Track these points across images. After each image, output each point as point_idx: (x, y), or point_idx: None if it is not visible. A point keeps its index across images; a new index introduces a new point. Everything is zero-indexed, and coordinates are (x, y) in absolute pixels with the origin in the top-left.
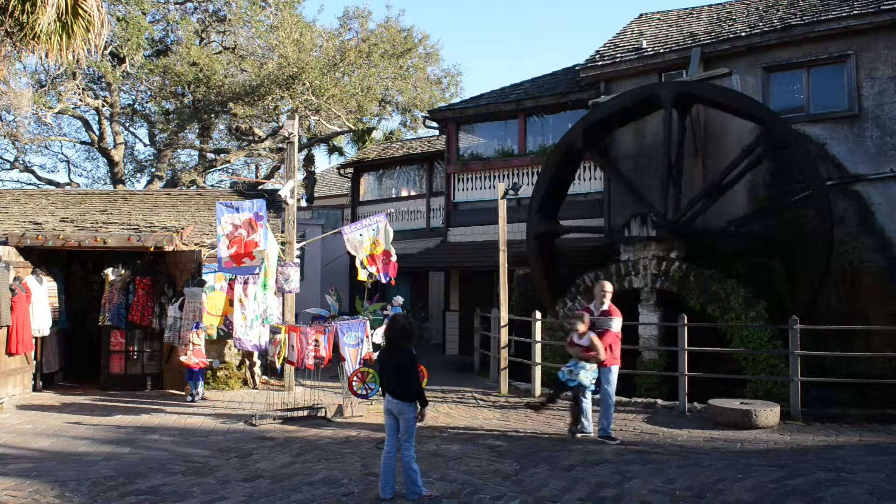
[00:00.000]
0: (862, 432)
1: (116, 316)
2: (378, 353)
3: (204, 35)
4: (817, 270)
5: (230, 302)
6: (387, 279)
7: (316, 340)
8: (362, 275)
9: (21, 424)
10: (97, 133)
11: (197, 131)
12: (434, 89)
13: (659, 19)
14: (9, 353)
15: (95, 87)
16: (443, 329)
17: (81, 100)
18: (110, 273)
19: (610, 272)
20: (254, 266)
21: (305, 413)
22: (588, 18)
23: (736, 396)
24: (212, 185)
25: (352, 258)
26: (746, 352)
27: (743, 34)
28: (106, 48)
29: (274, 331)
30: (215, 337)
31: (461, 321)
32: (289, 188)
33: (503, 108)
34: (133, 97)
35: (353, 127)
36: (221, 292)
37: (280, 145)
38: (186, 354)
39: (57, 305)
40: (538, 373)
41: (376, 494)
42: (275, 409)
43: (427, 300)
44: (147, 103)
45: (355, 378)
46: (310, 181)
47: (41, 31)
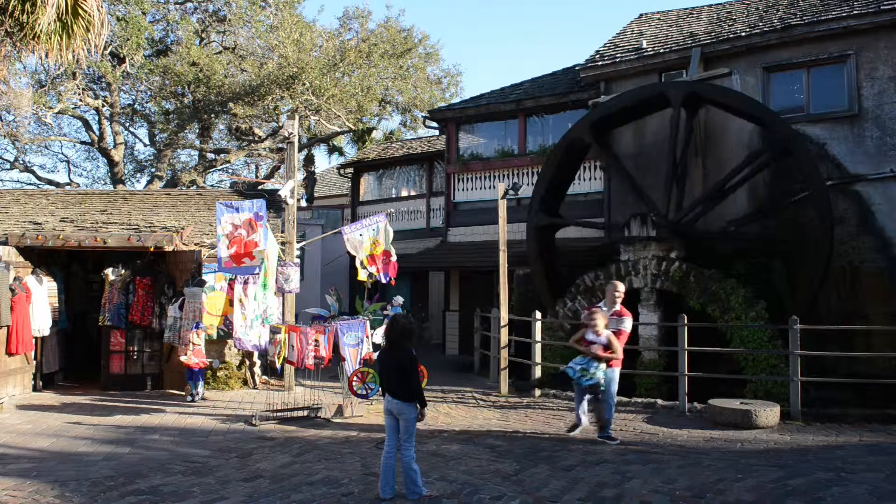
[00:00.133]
0: (862, 432)
1: (116, 316)
2: (378, 353)
3: (204, 35)
4: (817, 270)
5: (230, 302)
6: (387, 279)
7: (316, 340)
8: (362, 275)
9: (21, 424)
10: (97, 133)
11: (197, 131)
12: (434, 89)
13: (659, 19)
14: (9, 353)
15: (95, 87)
16: (443, 329)
17: (81, 100)
18: (110, 273)
19: (610, 272)
20: (254, 266)
21: (305, 413)
22: (588, 18)
23: (736, 396)
24: (212, 185)
25: (352, 258)
26: (746, 352)
27: (743, 34)
28: (106, 48)
29: (274, 331)
30: (215, 337)
31: (461, 321)
32: (289, 188)
33: (503, 108)
34: (133, 97)
35: (353, 127)
36: (221, 292)
37: (280, 145)
38: (186, 354)
39: (57, 305)
40: (538, 373)
41: (376, 494)
42: (275, 409)
43: (427, 300)
44: (147, 103)
45: (355, 378)
46: (310, 181)
47: (41, 31)
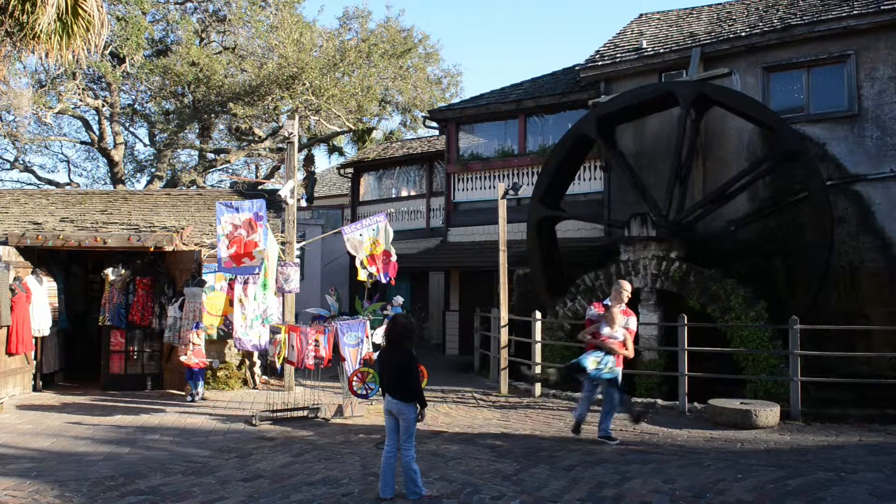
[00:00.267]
0: (862, 432)
1: (116, 316)
2: (378, 353)
3: (204, 35)
4: (817, 270)
5: (230, 302)
6: (387, 279)
7: (316, 340)
8: (362, 275)
9: (21, 424)
10: (97, 133)
11: (197, 131)
12: (434, 89)
13: (659, 19)
14: (9, 353)
15: (95, 87)
16: (443, 329)
17: (81, 100)
18: (110, 273)
19: (610, 272)
20: (254, 266)
21: (305, 413)
22: (588, 18)
23: (736, 396)
24: (212, 185)
25: (352, 258)
26: (746, 352)
27: (743, 34)
28: (106, 48)
29: (274, 331)
30: (215, 337)
31: (461, 321)
32: (289, 188)
33: (503, 108)
34: (133, 97)
35: (353, 127)
36: (221, 292)
37: (280, 145)
38: (186, 354)
39: (57, 305)
40: (538, 372)
41: (376, 494)
42: (275, 409)
43: (427, 300)
44: (147, 103)
45: (355, 378)
46: (310, 181)
47: (41, 31)
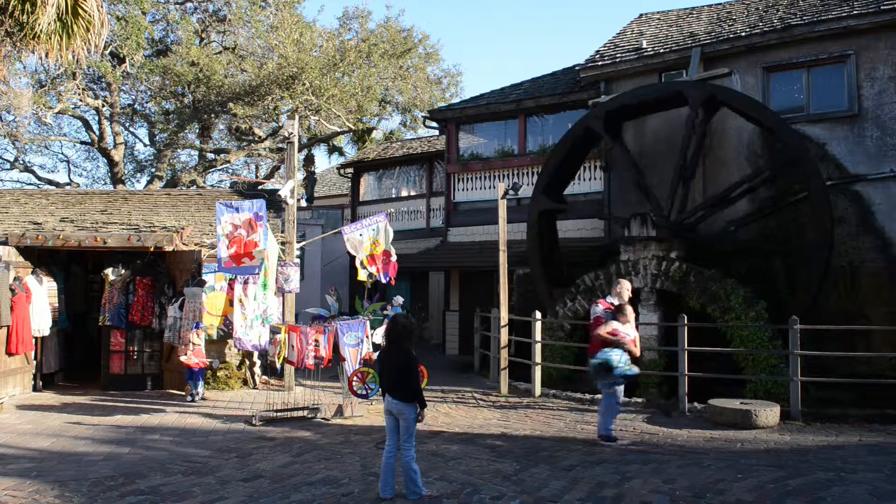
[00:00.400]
0: (862, 432)
1: (116, 316)
2: (378, 353)
3: (204, 35)
4: (817, 270)
5: (230, 302)
6: (387, 279)
7: (316, 340)
8: (362, 275)
9: (21, 424)
10: (97, 133)
11: (197, 131)
12: (434, 89)
13: (659, 19)
14: (9, 353)
15: (95, 87)
16: (443, 329)
17: (81, 100)
18: (110, 273)
19: (610, 272)
20: (254, 266)
21: (305, 413)
22: (588, 18)
23: (736, 396)
24: (212, 185)
25: (352, 258)
26: (746, 352)
27: (743, 34)
28: (106, 48)
29: (274, 331)
30: (215, 337)
31: (461, 321)
32: (289, 188)
33: (503, 108)
34: (133, 97)
35: (353, 127)
36: (221, 292)
37: (280, 145)
38: (186, 354)
39: (57, 305)
40: (538, 373)
41: (376, 494)
42: (275, 409)
43: (427, 300)
44: (147, 103)
45: (355, 378)
46: (310, 181)
47: (41, 31)
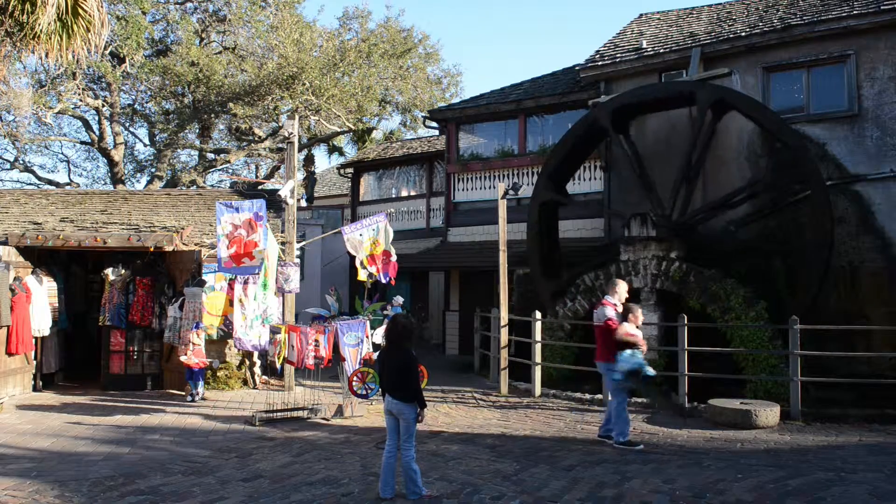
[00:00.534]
0: (862, 432)
1: (116, 316)
2: (378, 353)
3: (204, 35)
4: (817, 270)
5: (230, 302)
6: (387, 279)
7: (316, 340)
8: (362, 275)
9: (21, 424)
10: (97, 133)
11: (197, 131)
12: (434, 89)
13: (659, 19)
14: (9, 353)
15: (95, 87)
16: (443, 329)
17: (81, 100)
18: (110, 273)
19: (610, 272)
20: (254, 266)
21: (305, 413)
22: (588, 18)
23: (736, 396)
24: (212, 185)
25: (352, 258)
26: (746, 352)
27: (743, 34)
28: (106, 48)
29: (274, 331)
30: (215, 337)
31: (461, 321)
32: (289, 188)
33: (503, 108)
34: (133, 97)
35: (353, 127)
36: (221, 292)
37: (280, 145)
38: (186, 354)
39: (57, 305)
40: (538, 373)
41: (376, 494)
42: (275, 409)
43: (427, 300)
44: (147, 103)
45: (355, 378)
46: (310, 181)
47: (41, 31)
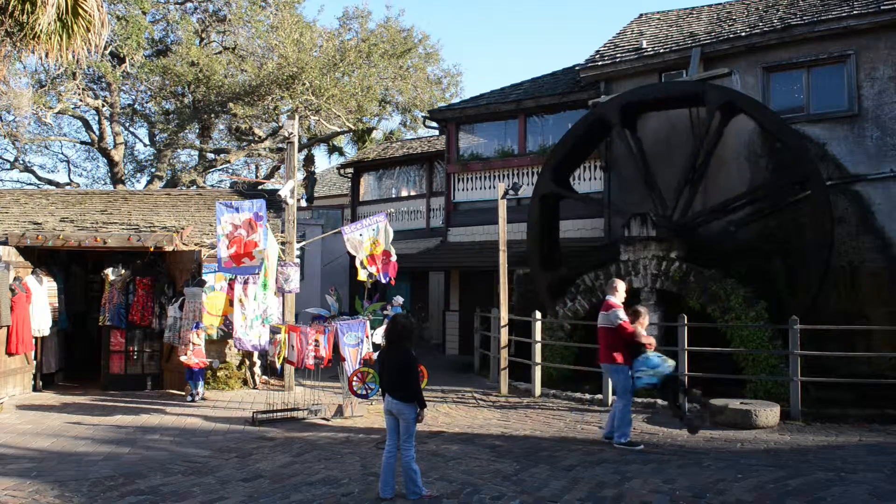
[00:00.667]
0: (862, 432)
1: (116, 316)
2: (378, 353)
3: (204, 35)
4: (817, 270)
5: (230, 302)
6: (387, 279)
7: (316, 340)
8: (362, 275)
9: (21, 424)
10: (97, 133)
11: (197, 131)
12: (434, 89)
13: (659, 19)
14: (9, 353)
15: (95, 87)
16: (443, 329)
17: (81, 100)
18: (110, 273)
19: (610, 272)
20: (254, 266)
21: (305, 413)
22: (588, 18)
23: (736, 396)
24: (212, 185)
25: (352, 258)
26: (746, 352)
27: (743, 34)
28: (106, 48)
29: (274, 331)
30: (215, 337)
31: (461, 321)
32: (289, 188)
33: (503, 108)
34: (133, 97)
35: (353, 127)
36: (221, 292)
37: (280, 145)
38: (186, 354)
39: (57, 305)
40: (538, 373)
41: (376, 494)
42: (275, 409)
43: (427, 300)
44: (147, 103)
45: (355, 378)
46: (310, 181)
47: (41, 31)
